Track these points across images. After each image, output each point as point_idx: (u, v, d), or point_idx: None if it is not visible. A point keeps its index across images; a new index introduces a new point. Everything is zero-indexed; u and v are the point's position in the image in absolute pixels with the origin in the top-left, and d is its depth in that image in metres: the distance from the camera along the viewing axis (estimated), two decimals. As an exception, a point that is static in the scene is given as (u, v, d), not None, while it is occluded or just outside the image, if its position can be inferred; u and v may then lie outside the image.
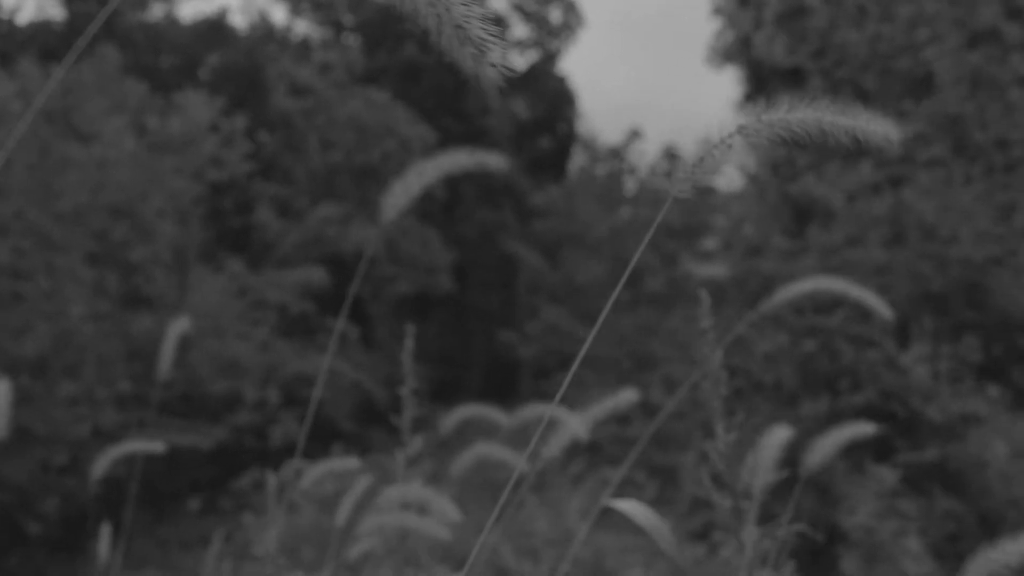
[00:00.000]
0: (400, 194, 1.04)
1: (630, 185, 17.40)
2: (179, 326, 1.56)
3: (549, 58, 18.08)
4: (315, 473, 1.39)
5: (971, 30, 9.45)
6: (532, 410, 1.41)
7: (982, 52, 9.46)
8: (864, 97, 10.12)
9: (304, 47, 16.00)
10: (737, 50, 11.71)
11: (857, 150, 10.07)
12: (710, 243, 14.82)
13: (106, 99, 10.27)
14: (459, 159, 1.00)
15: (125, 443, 1.38)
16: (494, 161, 0.99)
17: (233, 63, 14.05)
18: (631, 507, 0.89)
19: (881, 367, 6.42)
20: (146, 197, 9.88)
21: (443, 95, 16.21)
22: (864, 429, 1.31)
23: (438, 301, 14.08)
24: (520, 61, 18.49)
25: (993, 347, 9.04)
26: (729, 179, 17.46)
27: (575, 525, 3.09)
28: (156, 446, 1.38)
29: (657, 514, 0.90)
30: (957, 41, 9.54)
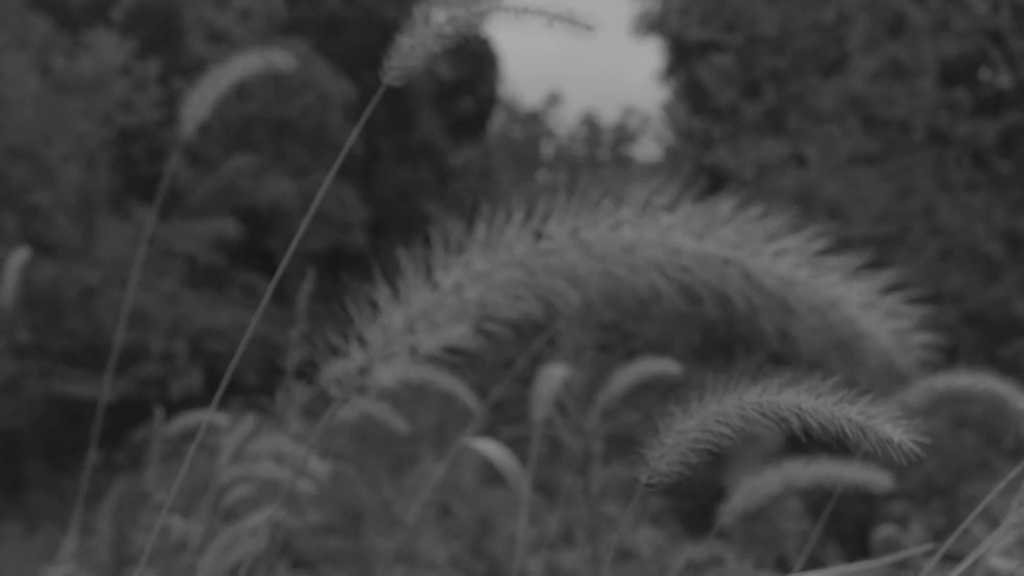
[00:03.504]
0: (198, 104, 1.05)
1: (548, 150, 17.51)
2: (19, 256, 1.55)
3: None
4: (178, 425, 1.43)
5: (881, 15, 9.76)
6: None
7: (894, 40, 9.79)
8: (776, 76, 10.38)
9: (222, -8, 15.53)
10: (658, 21, 11.84)
11: (771, 123, 10.32)
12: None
13: (7, 34, 9.84)
14: (251, 62, 1.02)
15: None
16: (284, 62, 1.01)
17: (148, 5, 13.58)
18: (486, 446, 0.96)
19: (773, 335, 6.69)
20: (50, 140, 9.54)
21: (364, 50, 15.98)
22: (667, 366, 1.38)
23: (353, 259, 14.02)
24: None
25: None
26: (646, 149, 17.68)
27: (469, 481, 3.20)
28: None
29: (510, 453, 0.98)
30: (867, 26, 9.84)
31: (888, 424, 0.53)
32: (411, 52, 0.63)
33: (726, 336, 6.67)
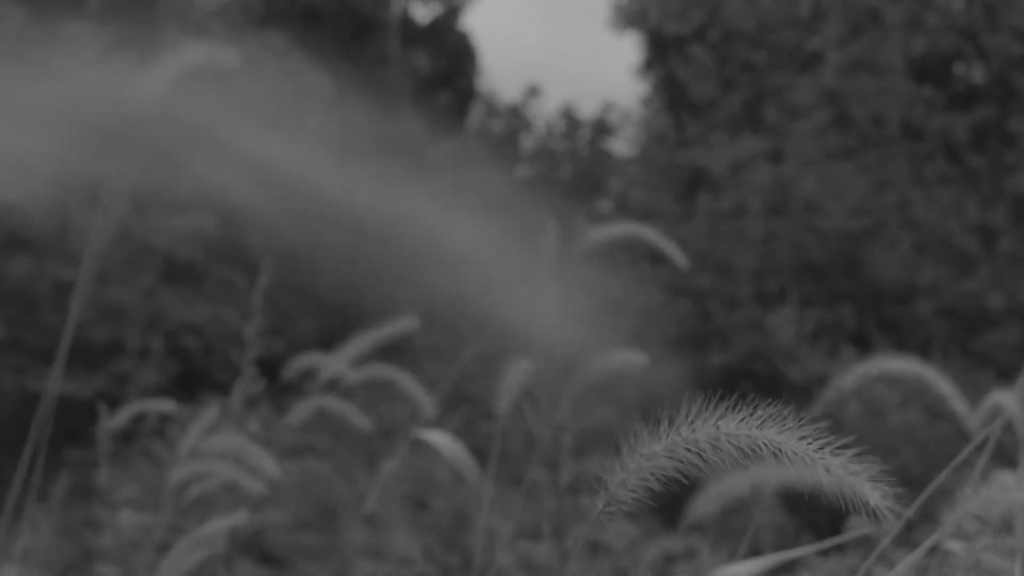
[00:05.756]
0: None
1: (527, 143, 17.50)
2: None
3: (452, 12, 17.93)
4: (120, 417, 1.42)
5: (855, 11, 9.83)
6: (376, 368, 1.48)
7: (865, 36, 9.86)
8: (751, 70, 10.43)
9: (198, -15, 15.41)
10: (636, 15, 11.86)
11: (745, 120, 10.37)
12: (605, 205, 15.09)
13: (-19, 27, 9.73)
14: (197, 55, 1.01)
15: None
16: (227, 57, 1.00)
17: (122, -3, 13.45)
18: (436, 437, 0.97)
19: (746, 328, 6.76)
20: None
21: (342, 43, 15.93)
22: (635, 358, 1.36)
23: (331, 254, 13.94)
24: (423, 13, 18.26)
25: (866, 315, 9.57)
26: (625, 143, 17.74)
27: (444, 475, 3.21)
28: None
29: (461, 443, 0.98)
30: (842, 22, 9.91)
31: (868, 484, 0.51)
32: None
33: (700, 329, 6.72)
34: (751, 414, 0.54)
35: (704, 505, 1.02)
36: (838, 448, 0.52)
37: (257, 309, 1.45)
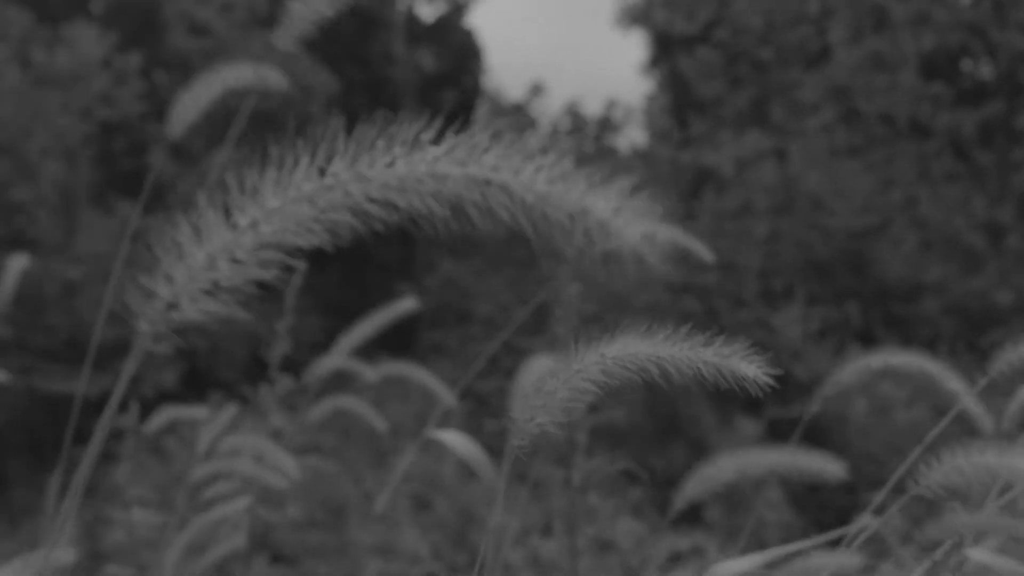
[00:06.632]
0: (189, 107, 1.05)
1: (532, 142, 17.50)
2: (18, 263, 1.55)
3: (457, 10, 17.93)
4: (156, 422, 1.43)
5: (863, 9, 9.81)
6: (391, 367, 1.48)
7: (877, 34, 9.84)
8: (760, 68, 10.41)
9: (203, -15, 15.41)
10: (642, 14, 11.85)
11: (754, 115, 10.34)
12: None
13: (-13, 28, 9.77)
14: (243, 73, 1.04)
15: None
16: (274, 79, 1.03)
17: (127, -3, 13.48)
18: (449, 437, 0.97)
19: (753, 326, 6.76)
20: (30, 134, 9.48)
21: (347, 42, 15.93)
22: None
23: (338, 252, 13.96)
24: (428, 12, 18.26)
25: (872, 313, 9.55)
26: (630, 142, 17.72)
27: (451, 473, 3.21)
28: None
29: (474, 442, 0.98)
30: (850, 19, 9.89)
31: (743, 362, 0.54)
32: (302, 16, 0.67)
33: (706, 328, 6.75)
34: (627, 335, 0.57)
35: (693, 489, 1.02)
36: (708, 342, 0.55)
37: (290, 307, 1.45)
